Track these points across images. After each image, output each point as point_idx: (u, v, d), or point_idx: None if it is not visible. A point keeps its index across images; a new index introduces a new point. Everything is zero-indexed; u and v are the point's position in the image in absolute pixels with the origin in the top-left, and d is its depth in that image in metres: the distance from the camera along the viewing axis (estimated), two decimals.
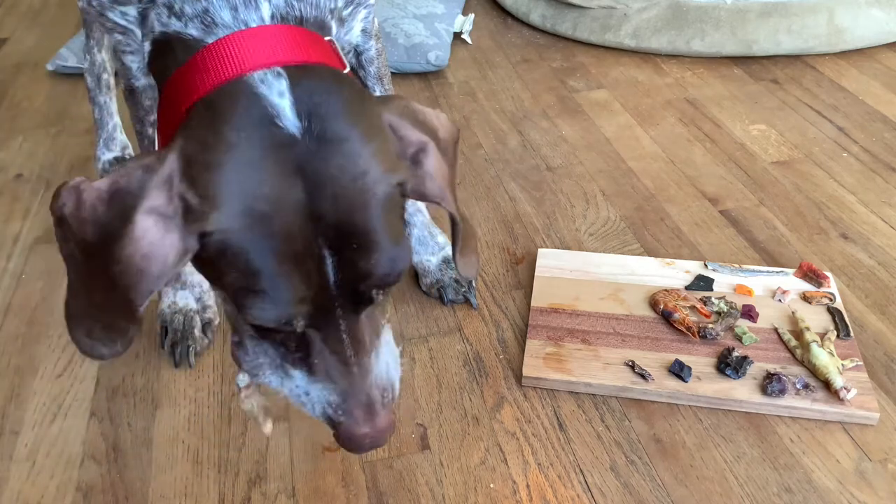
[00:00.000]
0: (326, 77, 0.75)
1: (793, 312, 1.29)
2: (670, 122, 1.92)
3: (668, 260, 1.42)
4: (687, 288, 1.35)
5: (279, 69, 0.73)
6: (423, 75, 2.18)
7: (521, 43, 2.37)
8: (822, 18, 2.13)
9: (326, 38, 0.83)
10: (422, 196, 0.79)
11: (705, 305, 1.30)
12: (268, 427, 0.90)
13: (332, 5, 0.87)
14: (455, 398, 1.20)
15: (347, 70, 0.81)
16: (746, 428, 1.14)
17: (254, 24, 0.78)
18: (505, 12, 2.55)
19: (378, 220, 0.72)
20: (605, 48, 2.29)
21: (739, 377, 1.17)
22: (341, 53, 0.83)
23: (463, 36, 2.37)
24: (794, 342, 1.22)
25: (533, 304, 1.34)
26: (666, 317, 1.28)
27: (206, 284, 1.30)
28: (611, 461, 1.10)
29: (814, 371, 1.17)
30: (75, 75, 2.18)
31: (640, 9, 2.23)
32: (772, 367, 1.19)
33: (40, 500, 1.08)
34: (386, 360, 0.80)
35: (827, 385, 1.15)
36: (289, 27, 0.78)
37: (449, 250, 1.41)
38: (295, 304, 0.70)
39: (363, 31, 1.16)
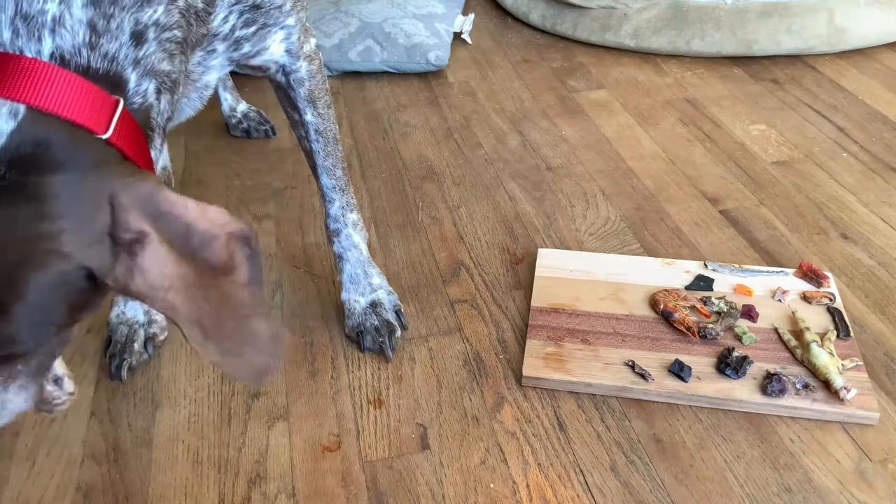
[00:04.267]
0: (62, 137, 0.73)
1: (793, 312, 1.29)
2: (670, 122, 1.92)
3: (668, 260, 1.42)
4: (687, 288, 1.35)
5: (20, 107, 0.71)
6: (423, 75, 2.18)
7: (521, 43, 2.37)
8: (822, 18, 2.13)
9: (113, 97, 0.78)
10: (125, 291, 0.73)
11: (705, 305, 1.30)
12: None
13: (140, 54, 0.82)
14: (455, 398, 1.20)
15: (108, 135, 0.76)
16: (746, 428, 1.14)
17: (28, 56, 0.76)
18: (505, 12, 2.55)
19: (17, 293, 0.69)
20: (605, 48, 2.29)
21: (739, 377, 1.17)
22: (115, 117, 0.78)
23: (463, 36, 2.37)
24: (794, 342, 1.22)
25: (533, 304, 1.34)
26: (666, 317, 1.28)
27: None
28: (611, 461, 1.10)
29: (814, 371, 1.17)
30: None
31: (640, 9, 2.23)
32: (772, 367, 1.19)
33: (40, 500, 1.08)
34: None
35: (827, 385, 1.15)
36: (59, 71, 0.75)
37: (381, 294, 1.32)
38: None
39: (287, 51, 1.14)
